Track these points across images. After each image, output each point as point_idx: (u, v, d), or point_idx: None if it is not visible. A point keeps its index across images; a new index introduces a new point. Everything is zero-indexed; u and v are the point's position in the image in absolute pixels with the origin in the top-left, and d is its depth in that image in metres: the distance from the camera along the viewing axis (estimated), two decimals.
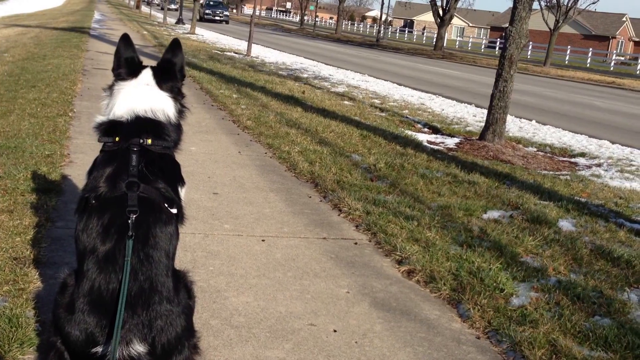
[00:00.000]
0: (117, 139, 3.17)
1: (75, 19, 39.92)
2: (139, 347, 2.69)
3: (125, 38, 3.51)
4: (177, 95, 3.51)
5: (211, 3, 68.71)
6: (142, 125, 3.24)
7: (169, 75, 3.49)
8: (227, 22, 65.88)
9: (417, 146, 9.81)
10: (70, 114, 9.35)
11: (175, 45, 3.54)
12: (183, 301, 2.92)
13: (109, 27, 35.29)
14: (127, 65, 3.43)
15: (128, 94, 3.34)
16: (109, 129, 3.24)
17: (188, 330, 2.94)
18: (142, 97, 3.33)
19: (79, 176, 6.29)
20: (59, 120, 8.68)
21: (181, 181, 3.36)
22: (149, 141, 3.17)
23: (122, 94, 3.35)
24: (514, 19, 10.22)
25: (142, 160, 3.07)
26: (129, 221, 2.79)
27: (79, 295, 2.73)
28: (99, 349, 2.68)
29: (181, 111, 3.50)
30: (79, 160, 6.92)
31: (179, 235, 3.14)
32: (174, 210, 3.08)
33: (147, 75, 3.44)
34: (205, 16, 64.22)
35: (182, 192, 3.36)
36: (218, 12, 67.98)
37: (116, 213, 2.85)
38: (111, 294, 2.70)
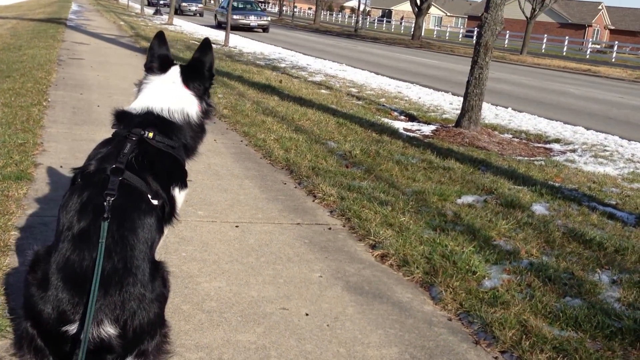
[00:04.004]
0: (121, 126, 3.28)
1: (53, 10, 39.56)
2: (109, 329, 2.68)
3: (159, 35, 3.67)
4: (203, 95, 3.60)
5: None
6: (150, 119, 3.32)
7: (197, 74, 3.59)
8: (201, 15, 67.05)
9: (393, 133, 9.82)
10: (44, 103, 9.26)
11: (206, 45, 3.65)
12: (158, 289, 2.92)
13: (86, 18, 35.09)
14: (159, 61, 3.56)
15: (152, 90, 3.46)
16: (120, 117, 3.37)
17: (160, 317, 2.95)
18: (163, 94, 3.44)
19: (51, 165, 6.24)
20: (33, 110, 8.60)
21: (179, 183, 3.37)
22: (150, 135, 3.23)
23: (147, 89, 3.48)
24: (490, 6, 10.25)
25: (135, 149, 3.12)
26: (105, 203, 2.81)
27: (53, 271, 2.74)
28: (70, 327, 2.67)
29: (206, 110, 3.60)
30: (51, 149, 6.87)
31: (163, 230, 3.17)
32: (156, 202, 3.08)
33: (174, 73, 3.55)
34: (182, 8, 64.98)
35: (181, 195, 3.38)
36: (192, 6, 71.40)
37: (95, 193, 2.89)
38: (84, 271, 2.70)
